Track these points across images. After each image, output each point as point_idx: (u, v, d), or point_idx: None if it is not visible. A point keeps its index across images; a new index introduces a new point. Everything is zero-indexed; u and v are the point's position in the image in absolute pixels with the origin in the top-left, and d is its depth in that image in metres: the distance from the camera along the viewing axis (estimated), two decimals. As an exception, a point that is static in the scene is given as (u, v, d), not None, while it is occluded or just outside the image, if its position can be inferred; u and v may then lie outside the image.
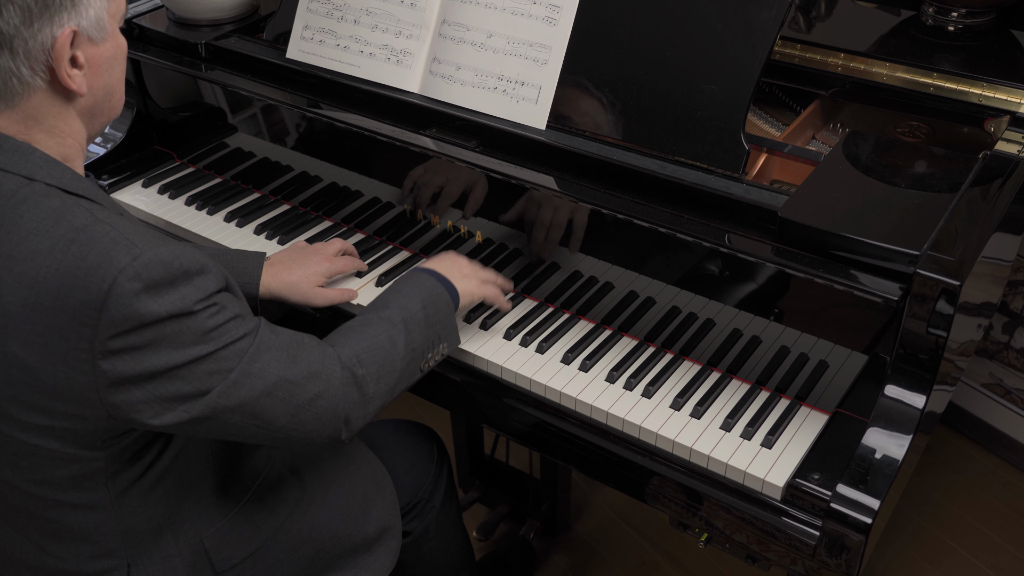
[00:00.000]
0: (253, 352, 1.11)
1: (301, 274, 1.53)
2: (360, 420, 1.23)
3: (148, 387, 1.05)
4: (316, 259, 1.56)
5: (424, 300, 1.34)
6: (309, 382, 1.16)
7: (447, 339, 1.37)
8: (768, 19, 1.41)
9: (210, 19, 1.90)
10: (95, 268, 1.00)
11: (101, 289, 1.00)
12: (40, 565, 1.24)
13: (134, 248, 1.02)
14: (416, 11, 1.64)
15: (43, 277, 1.01)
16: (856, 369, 1.34)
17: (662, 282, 1.46)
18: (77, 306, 1.00)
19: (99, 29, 1.08)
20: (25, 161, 1.07)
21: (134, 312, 1.01)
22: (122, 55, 1.14)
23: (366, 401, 1.23)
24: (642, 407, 1.39)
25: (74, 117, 1.11)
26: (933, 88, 1.62)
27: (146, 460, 1.18)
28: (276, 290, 1.51)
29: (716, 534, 1.34)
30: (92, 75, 1.09)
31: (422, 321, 1.32)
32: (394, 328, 1.28)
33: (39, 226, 1.03)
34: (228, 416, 1.10)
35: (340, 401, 1.19)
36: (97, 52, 1.09)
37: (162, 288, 1.02)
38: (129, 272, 1.00)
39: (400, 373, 1.28)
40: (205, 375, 1.08)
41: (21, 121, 1.08)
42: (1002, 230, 1.40)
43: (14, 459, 1.13)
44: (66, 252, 1.01)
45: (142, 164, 1.96)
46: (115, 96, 1.16)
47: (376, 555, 1.44)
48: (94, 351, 1.02)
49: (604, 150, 1.49)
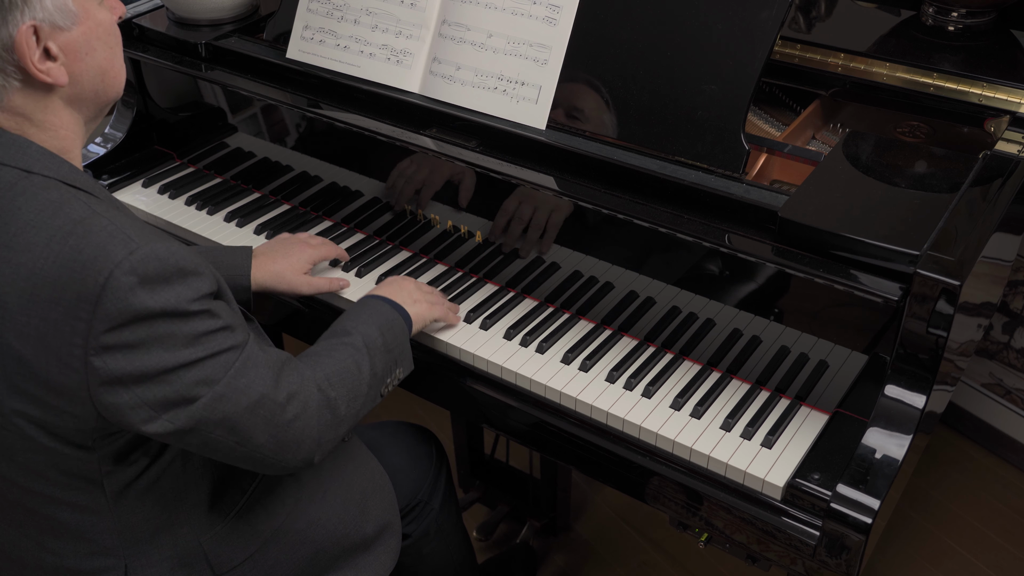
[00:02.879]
0: (239, 366, 1.11)
1: (285, 263, 1.55)
2: (331, 443, 1.23)
3: (136, 390, 1.05)
4: (299, 247, 1.58)
5: (382, 326, 1.35)
6: (290, 403, 1.16)
7: (403, 364, 1.39)
8: (768, 19, 1.41)
9: (210, 19, 1.90)
10: (91, 261, 1.00)
11: (97, 283, 1.00)
12: (38, 562, 1.24)
13: (131, 242, 1.02)
14: (416, 11, 1.64)
15: (40, 269, 1.01)
16: (856, 369, 1.34)
17: (662, 282, 1.46)
18: (73, 299, 1.01)
19: (64, 15, 1.06)
20: (22, 154, 1.07)
21: (129, 306, 1.01)
22: (104, 32, 1.11)
23: (337, 424, 1.24)
24: (642, 407, 1.39)
25: (62, 108, 1.10)
26: (933, 88, 1.62)
27: (141, 463, 1.18)
28: (262, 280, 1.53)
29: (716, 534, 1.34)
30: (72, 61, 1.08)
31: (381, 347, 1.33)
32: (358, 353, 1.29)
33: (37, 218, 1.03)
34: (211, 430, 1.10)
35: (316, 423, 1.20)
36: (70, 38, 1.07)
37: (157, 284, 1.03)
38: (125, 266, 1.00)
39: (365, 397, 1.29)
40: (192, 384, 1.07)
41: (10, 119, 1.08)
42: (1002, 230, 1.40)
43: (10, 453, 1.13)
44: (63, 244, 1.01)
45: (142, 164, 1.96)
46: (109, 75, 1.13)
47: (376, 554, 1.44)
48: (87, 347, 1.02)
49: (604, 150, 1.49)
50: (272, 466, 1.18)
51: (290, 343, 2.51)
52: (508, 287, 1.62)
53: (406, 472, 1.56)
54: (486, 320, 1.54)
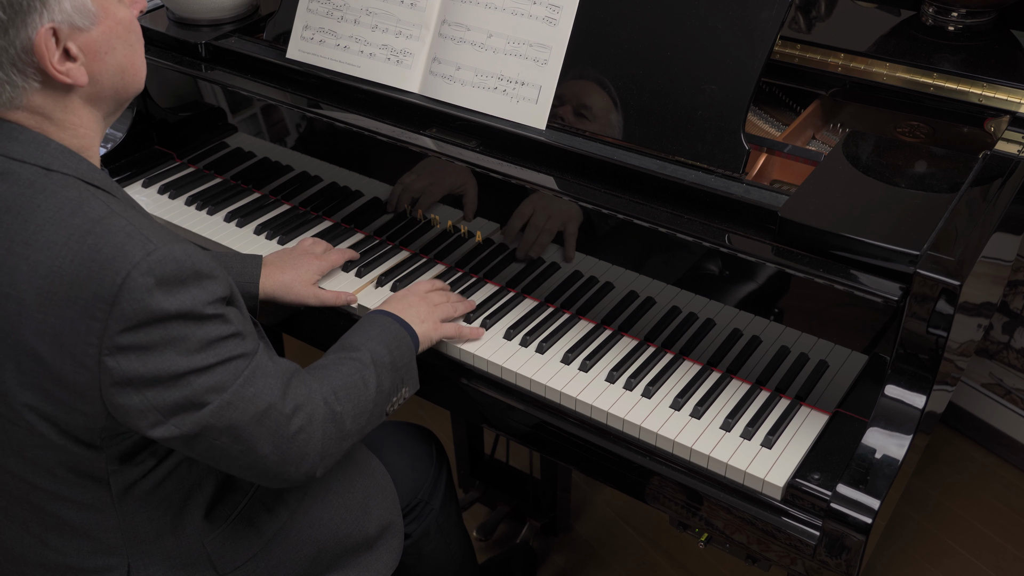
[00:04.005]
0: (249, 375, 1.11)
1: (294, 275, 1.56)
2: (334, 457, 1.23)
3: (147, 393, 1.06)
4: (307, 259, 1.59)
5: (389, 344, 1.35)
6: (296, 415, 1.16)
7: (409, 383, 1.39)
8: (768, 19, 1.41)
9: (210, 19, 1.90)
10: (109, 261, 1.01)
11: (114, 283, 1.00)
12: (41, 559, 1.24)
13: (148, 243, 1.02)
14: (416, 11, 1.64)
15: (58, 267, 1.02)
16: (856, 369, 1.34)
17: (662, 282, 1.46)
18: (90, 298, 1.01)
19: (83, 15, 1.05)
20: (42, 152, 1.07)
21: (145, 307, 1.01)
22: (125, 30, 1.11)
23: (342, 438, 1.24)
24: (642, 407, 1.39)
25: (81, 107, 1.11)
26: (933, 88, 1.62)
27: (148, 464, 1.19)
28: (270, 290, 1.53)
29: (716, 534, 1.34)
30: (92, 61, 1.08)
31: (389, 365, 1.33)
32: (366, 369, 1.29)
33: (56, 215, 1.03)
34: (216, 437, 1.11)
35: (320, 437, 1.20)
36: (90, 38, 1.07)
37: (173, 286, 1.03)
38: (143, 267, 1.01)
39: (370, 414, 1.29)
40: (202, 390, 1.08)
41: (30, 117, 1.09)
42: (1002, 230, 1.40)
43: (18, 448, 1.13)
44: (82, 243, 1.02)
45: (142, 164, 1.96)
46: (128, 72, 1.13)
47: (378, 554, 1.44)
48: (102, 346, 1.02)
49: (604, 150, 1.49)
50: (275, 478, 1.18)
51: (290, 343, 2.51)
52: (508, 287, 1.62)
53: (407, 472, 1.56)
54: (486, 320, 1.54)
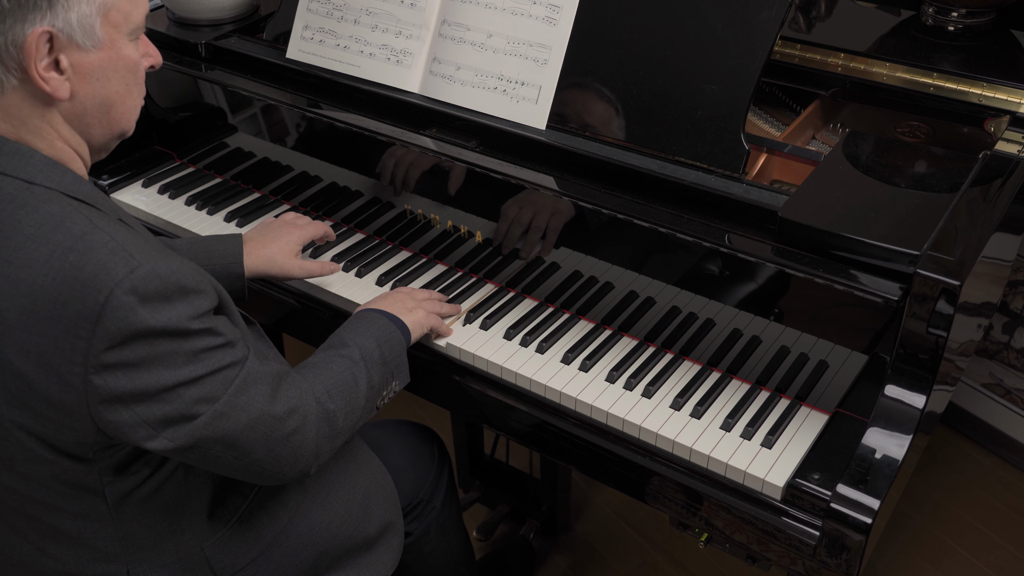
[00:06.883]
0: (240, 384, 1.11)
1: (276, 247, 1.55)
2: (327, 455, 1.24)
3: (136, 408, 1.05)
4: (287, 229, 1.58)
5: (379, 339, 1.35)
6: (288, 417, 1.16)
7: (399, 376, 1.39)
8: (768, 19, 1.41)
9: (210, 19, 1.90)
10: (92, 279, 0.99)
11: (97, 301, 0.99)
12: (40, 567, 1.23)
13: (131, 260, 1.01)
14: (416, 11, 1.64)
15: (40, 285, 1.00)
16: (856, 369, 1.34)
17: (662, 282, 1.46)
18: (73, 317, 1.00)
19: (87, 35, 1.04)
20: (25, 164, 1.05)
21: (129, 324, 1.00)
22: (125, 68, 1.09)
23: (335, 436, 1.24)
24: (642, 407, 1.39)
25: (60, 122, 1.08)
26: (933, 88, 1.62)
27: (142, 473, 1.18)
28: (255, 266, 1.52)
29: (716, 534, 1.34)
30: (79, 81, 1.06)
31: (378, 360, 1.33)
32: (356, 366, 1.29)
33: (37, 232, 1.02)
34: (210, 447, 1.10)
35: (314, 437, 1.20)
36: (86, 59, 1.05)
37: (158, 302, 1.02)
38: (125, 285, 1.00)
39: (362, 410, 1.29)
40: (192, 402, 1.07)
41: (5, 119, 1.06)
42: (1002, 230, 1.40)
43: (10, 463, 1.13)
44: (63, 261, 1.00)
45: (142, 164, 1.96)
46: (116, 110, 1.11)
47: (378, 553, 1.44)
48: (87, 365, 1.01)
49: (604, 150, 1.49)
50: (270, 478, 1.19)
51: (290, 343, 2.51)
52: (508, 287, 1.62)
53: (408, 471, 1.56)
54: (486, 320, 1.54)
